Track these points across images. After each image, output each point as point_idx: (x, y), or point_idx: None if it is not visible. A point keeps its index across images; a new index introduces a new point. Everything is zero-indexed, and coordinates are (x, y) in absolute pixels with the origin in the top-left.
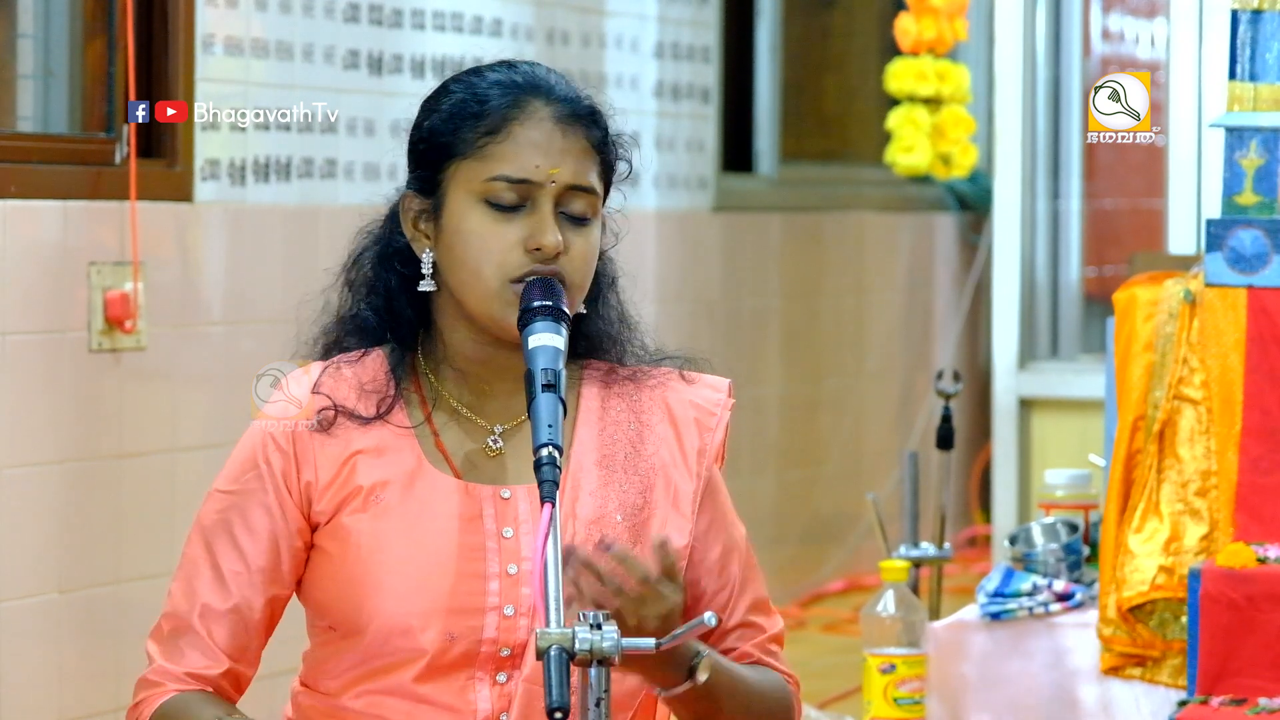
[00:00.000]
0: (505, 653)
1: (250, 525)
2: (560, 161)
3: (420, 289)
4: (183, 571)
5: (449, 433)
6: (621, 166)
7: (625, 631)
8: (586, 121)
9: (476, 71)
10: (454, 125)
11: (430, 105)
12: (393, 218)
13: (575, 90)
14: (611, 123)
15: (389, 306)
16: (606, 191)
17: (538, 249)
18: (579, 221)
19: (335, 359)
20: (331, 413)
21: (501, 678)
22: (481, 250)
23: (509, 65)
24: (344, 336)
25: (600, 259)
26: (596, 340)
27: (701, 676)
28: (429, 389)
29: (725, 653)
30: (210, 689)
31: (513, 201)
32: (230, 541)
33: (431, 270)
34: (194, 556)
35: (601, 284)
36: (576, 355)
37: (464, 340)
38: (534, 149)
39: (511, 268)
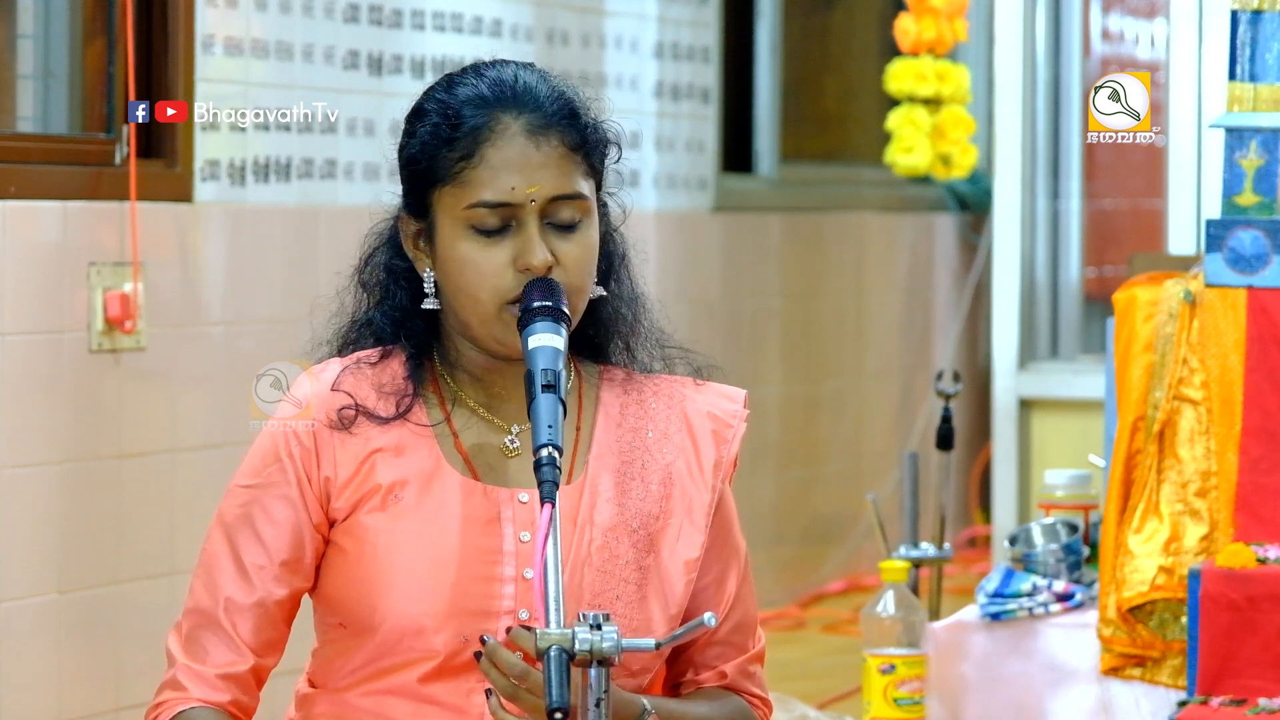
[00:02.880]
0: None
1: (273, 517)
2: (537, 177)
3: (425, 307)
4: (204, 567)
5: (468, 433)
6: (611, 152)
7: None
8: (561, 125)
9: (450, 85)
10: (430, 152)
11: (409, 129)
12: (395, 234)
13: (546, 92)
14: (588, 114)
15: (401, 320)
16: (599, 181)
17: (527, 269)
18: (569, 229)
19: (355, 355)
20: (352, 411)
21: None
22: (475, 276)
23: (478, 73)
24: (359, 340)
25: (608, 239)
26: (609, 323)
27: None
28: (447, 390)
29: (702, 669)
30: (231, 694)
31: (496, 225)
32: (253, 534)
33: (434, 289)
34: (215, 551)
35: (612, 264)
36: (589, 340)
37: (474, 354)
38: (508, 169)
39: (506, 290)
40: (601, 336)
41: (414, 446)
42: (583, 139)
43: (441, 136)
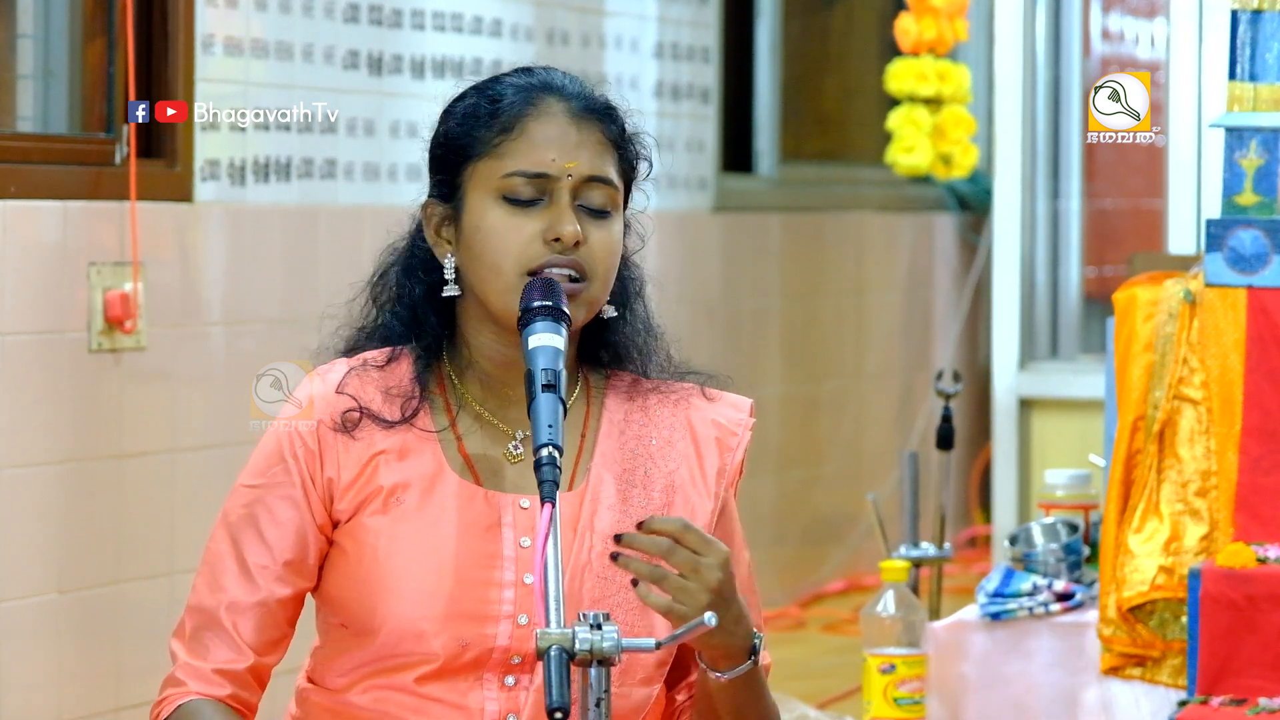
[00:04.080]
0: (516, 660)
1: (277, 518)
2: (575, 154)
3: (445, 294)
4: (207, 566)
5: (472, 438)
6: (642, 166)
7: (687, 598)
8: (601, 116)
9: (494, 79)
10: (469, 127)
11: (447, 112)
12: (416, 229)
13: (590, 88)
14: (629, 121)
15: (414, 315)
16: (628, 190)
17: (556, 239)
18: (599, 214)
19: (362, 356)
20: (356, 414)
21: (510, 681)
22: (501, 244)
23: (525, 71)
24: (367, 344)
25: (627, 265)
26: (622, 349)
27: (764, 658)
28: (453, 394)
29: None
30: (232, 689)
31: (530, 196)
32: (256, 535)
33: (454, 275)
34: (219, 551)
35: (629, 291)
36: (601, 363)
37: (488, 344)
38: (549, 143)
39: (530, 259)
40: (615, 362)
41: (417, 450)
42: (621, 137)
43: (482, 113)
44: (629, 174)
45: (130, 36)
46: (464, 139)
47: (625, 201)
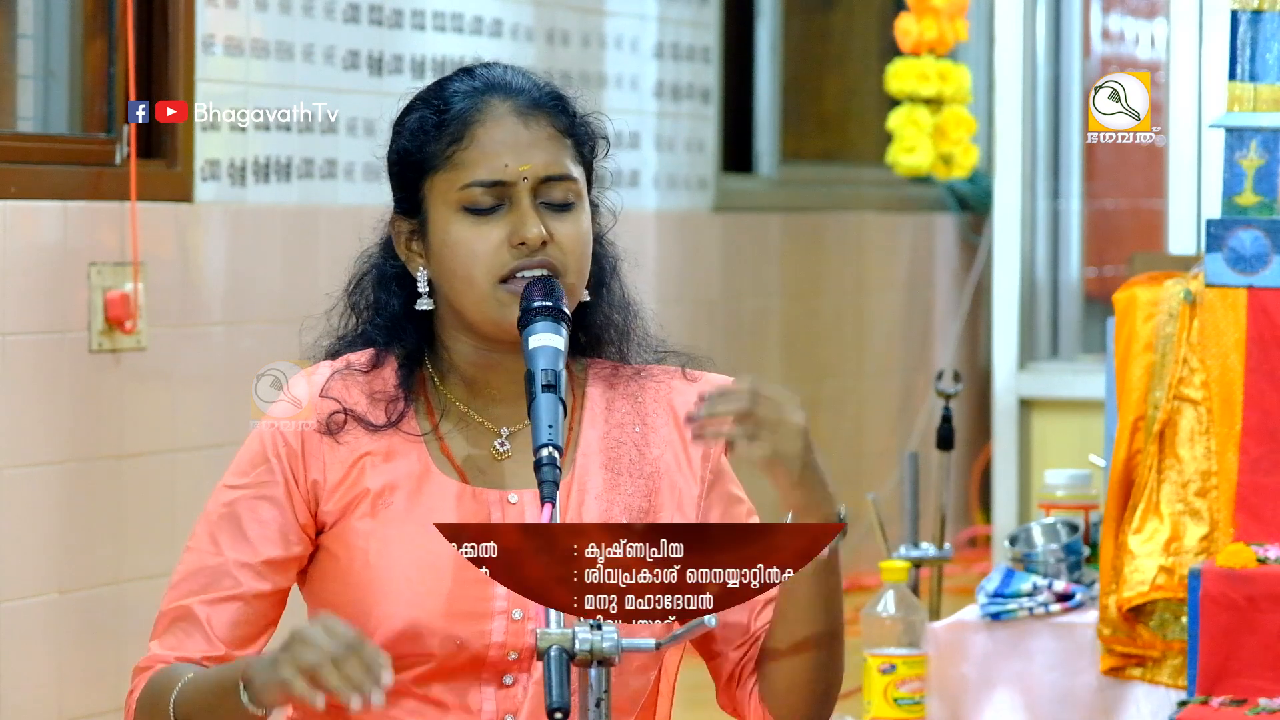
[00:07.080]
0: (513, 656)
1: (259, 516)
2: (528, 155)
3: (418, 308)
4: (185, 563)
5: (456, 438)
6: (601, 145)
7: (787, 434)
8: (549, 108)
9: (438, 85)
10: (420, 141)
11: (398, 126)
12: (386, 241)
13: (534, 80)
14: (578, 105)
15: (392, 328)
16: (590, 174)
17: (521, 243)
18: (562, 208)
19: (345, 359)
20: (341, 416)
21: (508, 680)
22: (468, 256)
23: (467, 72)
24: (349, 353)
25: (600, 244)
26: (600, 329)
27: (843, 513)
28: (437, 397)
29: (756, 638)
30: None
31: (490, 204)
32: (238, 533)
33: (428, 289)
34: (198, 548)
35: (604, 270)
36: (581, 346)
37: (467, 350)
38: (500, 147)
39: (499, 267)
40: (593, 344)
41: (403, 452)
42: (571, 124)
43: (430, 125)
44: (588, 157)
45: (130, 36)
46: (417, 154)
47: (590, 183)
